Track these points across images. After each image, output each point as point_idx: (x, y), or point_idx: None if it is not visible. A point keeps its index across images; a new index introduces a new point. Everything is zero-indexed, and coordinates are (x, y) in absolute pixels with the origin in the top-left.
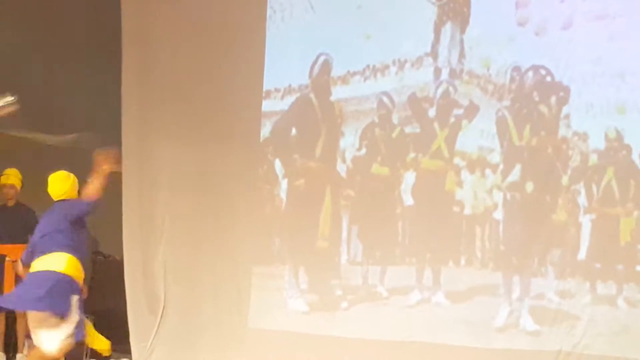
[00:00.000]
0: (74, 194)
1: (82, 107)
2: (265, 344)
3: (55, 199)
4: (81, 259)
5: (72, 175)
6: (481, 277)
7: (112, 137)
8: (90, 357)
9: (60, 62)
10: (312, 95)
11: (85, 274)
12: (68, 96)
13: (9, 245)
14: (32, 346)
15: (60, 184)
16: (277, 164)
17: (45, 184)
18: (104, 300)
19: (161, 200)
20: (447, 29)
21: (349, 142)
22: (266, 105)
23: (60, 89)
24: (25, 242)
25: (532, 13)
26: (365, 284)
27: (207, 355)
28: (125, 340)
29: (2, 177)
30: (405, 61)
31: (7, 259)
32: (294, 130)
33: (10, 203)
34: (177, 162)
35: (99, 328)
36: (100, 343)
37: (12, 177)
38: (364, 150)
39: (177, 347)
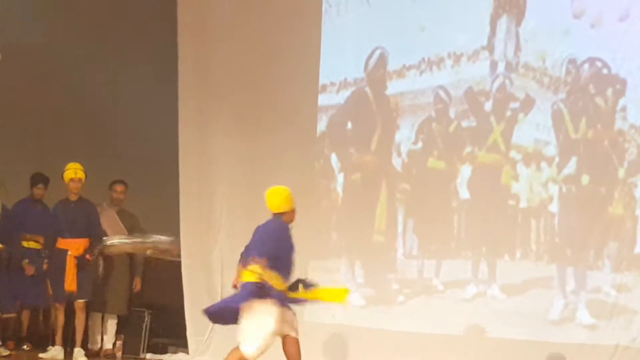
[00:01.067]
0: (288, 207)
1: (141, 101)
2: (322, 337)
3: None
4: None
5: (287, 189)
6: (536, 269)
7: (169, 130)
8: (147, 352)
9: (118, 56)
10: (367, 89)
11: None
12: (125, 90)
13: (71, 240)
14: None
15: (274, 198)
16: (333, 158)
17: None
18: (161, 296)
19: (219, 194)
20: (503, 21)
21: (405, 135)
22: (322, 99)
23: (118, 84)
24: (87, 236)
25: (588, 5)
26: (421, 278)
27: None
28: (183, 335)
29: (69, 171)
30: (461, 54)
31: (69, 253)
32: (349, 124)
33: (74, 197)
34: (234, 155)
35: (156, 323)
36: (336, 294)
37: (80, 171)
38: (420, 144)
39: (233, 341)
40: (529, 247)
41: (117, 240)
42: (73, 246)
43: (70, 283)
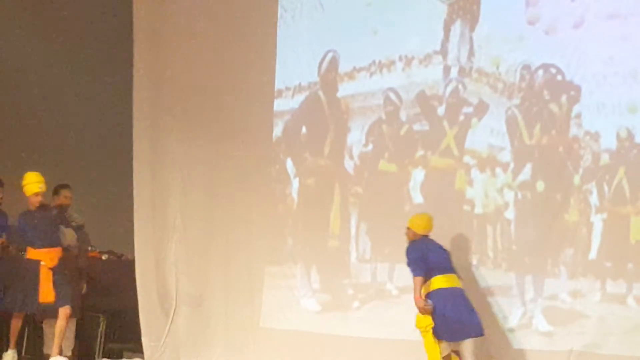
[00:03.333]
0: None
1: (93, 107)
2: (277, 343)
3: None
4: None
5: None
6: (494, 277)
7: (123, 136)
8: (103, 357)
9: (71, 63)
10: (320, 93)
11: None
12: (79, 97)
13: (43, 250)
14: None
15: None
16: (289, 163)
17: None
18: (116, 300)
19: (173, 200)
20: (457, 27)
21: (356, 138)
22: (278, 105)
23: (71, 91)
24: (58, 245)
25: (542, 11)
26: (374, 282)
27: (219, 355)
28: (137, 340)
29: (32, 185)
30: (413, 58)
31: (42, 264)
32: (304, 129)
33: (35, 206)
34: (189, 162)
35: (111, 327)
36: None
37: (43, 185)
38: (370, 147)
39: (189, 346)
40: (486, 254)
41: None
42: (46, 257)
43: (47, 294)
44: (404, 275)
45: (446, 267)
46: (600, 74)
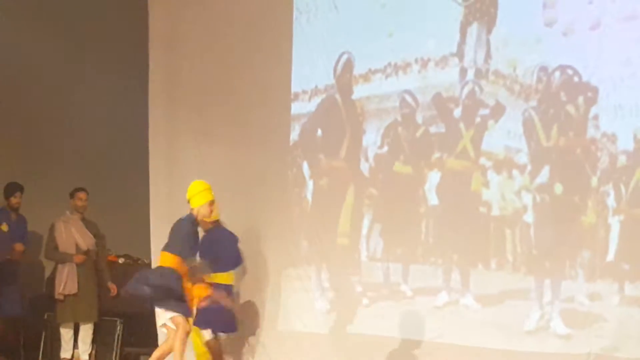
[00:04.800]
0: None
1: (110, 111)
2: (294, 345)
3: None
4: None
5: None
6: (513, 280)
7: (139, 140)
8: None
9: (85, 65)
10: (337, 96)
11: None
12: (95, 101)
13: None
14: None
15: None
16: (305, 166)
17: None
18: (132, 304)
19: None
20: (474, 29)
21: (371, 140)
22: (295, 108)
23: (88, 93)
24: None
25: (559, 13)
26: (388, 282)
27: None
28: (154, 344)
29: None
30: (429, 60)
31: None
32: (319, 132)
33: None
34: (205, 165)
35: (128, 332)
36: None
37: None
38: (385, 148)
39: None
40: (505, 257)
41: None
42: None
43: None
44: (420, 277)
45: None
46: (618, 76)
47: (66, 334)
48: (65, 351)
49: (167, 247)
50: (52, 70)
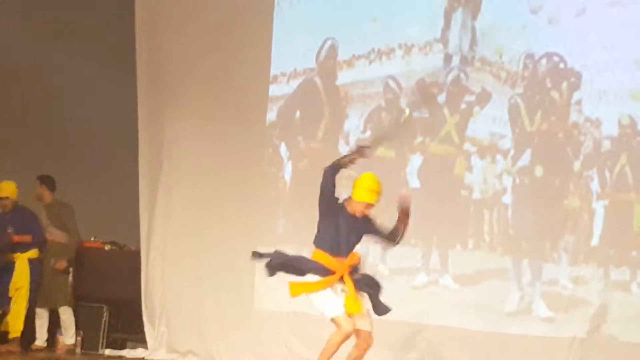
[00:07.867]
0: None
1: (99, 98)
2: (271, 324)
3: None
4: None
5: None
6: (490, 260)
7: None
8: (106, 347)
9: (75, 54)
10: (317, 79)
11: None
12: (84, 87)
13: None
14: None
15: None
16: (282, 147)
17: None
18: (119, 291)
19: (174, 185)
20: (458, 15)
21: (354, 124)
22: (273, 90)
23: (76, 81)
24: None
25: (545, 1)
26: (366, 262)
27: (215, 338)
28: (141, 330)
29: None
30: (412, 45)
31: None
32: (298, 113)
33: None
34: (186, 146)
35: (114, 318)
36: None
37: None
38: (368, 133)
39: (185, 331)
40: (482, 237)
41: None
42: None
43: None
44: (398, 258)
45: None
46: (602, 62)
47: (37, 320)
48: (38, 339)
49: None
50: (38, 59)
